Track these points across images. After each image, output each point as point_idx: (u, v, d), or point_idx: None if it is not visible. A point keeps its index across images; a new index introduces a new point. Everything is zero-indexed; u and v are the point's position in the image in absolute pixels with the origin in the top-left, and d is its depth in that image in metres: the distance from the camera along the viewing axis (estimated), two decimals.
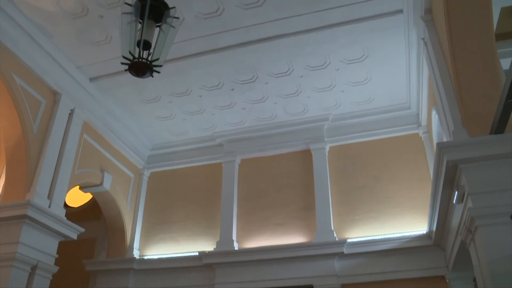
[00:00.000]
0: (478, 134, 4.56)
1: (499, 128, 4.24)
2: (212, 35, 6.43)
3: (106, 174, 7.84)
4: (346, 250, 7.11)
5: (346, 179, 7.86)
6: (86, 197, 8.82)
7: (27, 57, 6.26)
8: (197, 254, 7.80)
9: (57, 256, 6.34)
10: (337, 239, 7.26)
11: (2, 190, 6.37)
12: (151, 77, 4.23)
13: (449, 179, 4.86)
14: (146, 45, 4.13)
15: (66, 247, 7.26)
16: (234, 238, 7.87)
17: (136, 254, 8.28)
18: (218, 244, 7.83)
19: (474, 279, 6.00)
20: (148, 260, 8.17)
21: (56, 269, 6.28)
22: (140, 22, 4.14)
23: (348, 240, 7.17)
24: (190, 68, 7.02)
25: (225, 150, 8.65)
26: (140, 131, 8.66)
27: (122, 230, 8.35)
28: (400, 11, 6.06)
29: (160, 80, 7.19)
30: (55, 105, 6.80)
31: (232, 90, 7.51)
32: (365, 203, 7.56)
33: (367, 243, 7.11)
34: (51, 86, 6.71)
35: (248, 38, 6.50)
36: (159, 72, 4.27)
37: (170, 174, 9.04)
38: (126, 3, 4.09)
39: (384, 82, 7.35)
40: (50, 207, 6.25)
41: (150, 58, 4.10)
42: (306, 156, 8.24)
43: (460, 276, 6.41)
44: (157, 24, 4.25)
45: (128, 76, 6.58)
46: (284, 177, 8.24)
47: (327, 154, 8.10)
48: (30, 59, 6.31)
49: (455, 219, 5.32)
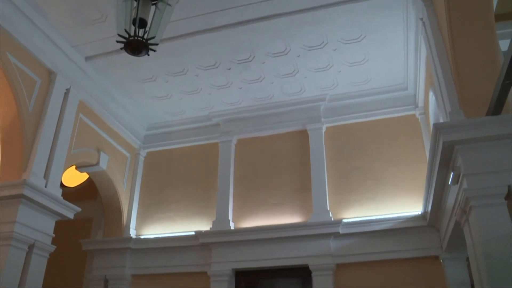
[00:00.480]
0: (475, 115, 4.56)
1: (495, 109, 4.25)
2: (209, 14, 6.35)
3: (102, 154, 7.83)
4: (341, 230, 7.16)
5: (342, 160, 7.88)
6: (83, 177, 8.81)
7: (22, 36, 6.18)
8: (193, 233, 7.85)
9: (54, 235, 6.36)
10: (332, 219, 7.30)
11: None
12: (147, 55, 4.19)
13: (445, 160, 4.88)
14: (142, 23, 4.08)
15: (63, 227, 7.27)
16: (230, 217, 7.91)
17: (132, 233, 8.32)
18: (214, 223, 7.87)
19: (467, 260, 6.07)
20: (145, 239, 8.22)
21: (53, 248, 6.31)
22: (136, 0, 4.08)
23: (344, 220, 7.22)
24: (186, 48, 6.96)
25: (221, 130, 8.63)
26: (137, 110, 8.63)
27: (118, 210, 8.38)
28: None
29: (156, 60, 7.13)
30: (51, 84, 6.74)
31: (229, 69, 7.46)
32: (361, 184, 7.59)
33: (363, 223, 7.17)
34: (46, 65, 6.65)
35: (245, 17, 6.42)
36: (155, 50, 4.23)
37: (167, 154, 9.03)
38: None
39: (382, 62, 7.31)
40: (46, 186, 6.26)
41: (146, 37, 4.07)
42: (302, 136, 8.24)
43: (454, 257, 6.49)
44: (153, 2, 4.20)
45: (124, 55, 6.48)
46: (281, 157, 8.25)
47: (323, 134, 8.10)
48: (25, 38, 6.23)
49: (450, 200, 5.36)
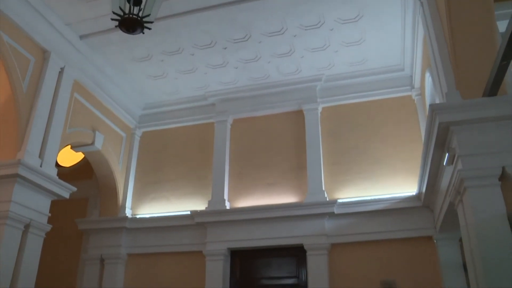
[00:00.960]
0: (471, 96, 4.56)
1: (492, 90, 4.24)
2: None
3: (97, 133, 7.80)
4: (336, 210, 7.21)
5: (338, 140, 7.89)
6: (78, 156, 8.81)
7: (15, 14, 6.08)
8: (189, 213, 7.88)
9: (49, 215, 6.37)
10: (327, 199, 7.34)
11: None
12: (142, 34, 4.15)
13: (440, 141, 4.89)
14: (137, 1, 4.03)
15: (59, 206, 7.29)
16: (226, 197, 7.94)
17: (128, 213, 8.35)
18: (210, 203, 7.90)
19: (460, 240, 6.14)
20: (140, 219, 8.25)
21: (49, 227, 6.32)
22: None
23: (339, 201, 7.26)
24: (182, 26, 6.89)
25: (217, 109, 8.61)
26: (132, 90, 8.57)
27: (114, 190, 8.38)
28: None
29: (152, 38, 7.06)
30: (45, 63, 6.67)
31: (225, 49, 7.41)
32: (356, 164, 7.62)
33: (358, 203, 7.21)
34: (40, 43, 6.56)
35: None
36: (150, 28, 4.19)
37: (162, 134, 9.01)
38: None
39: (378, 43, 7.27)
40: (41, 166, 6.24)
41: (141, 14, 4.02)
42: (298, 116, 8.23)
43: (447, 237, 6.56)
44: None
45: (119, 33, 6.48)
46: (276, 137, 8.25)
47: (319, 114, 8.09)
48: (18, 16, 6.13)
49: (445, 181, 5.39)
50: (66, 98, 6.99)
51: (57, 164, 6.80)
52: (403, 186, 7.19)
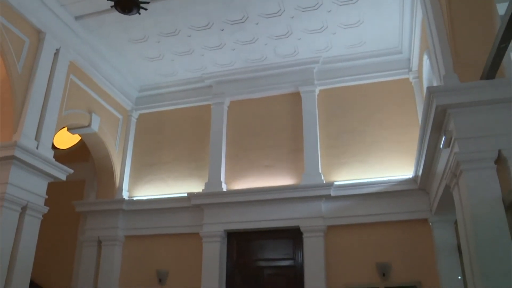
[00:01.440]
0: (469, 79, 4.56)
1: (490, 73, 4.23)
2: None
3: (94, 115, 7.77)
4: (333, 193, 7.24)
5: (334, 123, 7.88)
6: (75, 138, 8.78)
7: None
8: (185, 195, 7.90)
9: (46, 197, 6.37)
10: (324, 182, 7.37)
11: None
12: (138, 14, 4.11)
13: (437, 124, 4.90)
14: None
15: (56, 189, 7.29)
16: (223, 179, 7.96)
17: (125, 195, 8.36)
18: (207, 185, 7.92)
19: (455, 223, 6.19)
20: (137, 201, 8.27)
21: (46, 209, 6.33)
22: None
23: (335, 183, 7.29)
24: (178, 7, 6.81)
25: (214, 91, 8.57)
26: (128, 72, 8.52)
27: (111, 172, 8.39)
28: None
29: (148, 19, 6.98)
30: (40, 44, 6.60)
31: (222, 30, 7.34)
32: (353, 147, 7.63)
33: (354, 186, 7.24)
34: (35, 24, 6.49)
35: None
36: (146, 9, 4.15)
37: (159, 116, 8.99)
38: None
39: (377, 25, 7.22)
40: (38, 148, 6.22)
41: None
42: (295, 98, 8.21)
43: (442, 220, 6.62)
44: None
45: (115, 14, 6.41)
46: (273, 119, 8.24)
47: (316, 97, 8.06)
48: None
49: (441, 164, 5.41)
50: (62, 80, 6.94)
51: (53, 147, 6.77)
52: (400, 169, 7.21)
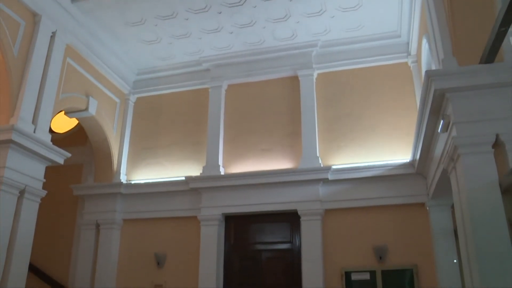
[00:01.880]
0: (468, 63, 4.54)
1: (489, 57, 4.22)
2: None
3: (91, 99, 7.73)
4: (330, 176, 7.26)
5: (332, 106, 7.87)
6: (72, 122, 8.77)
7: None
8: (183, 178, 7.91)
9: (44, 180, 6.37)
10: (322, 166, 7.38)
11: None
12: None
13: (435, 108, 4.90)
14: None
15: (54, 172, 7.30)
16: (220, 163, 7.97)
17: (123, 178, 8.37)
18: (204, 169, 7.93)
19: (452, 207, 6.22)
20: (135, 184, 8.29)
21: (44, 193, 6.34)
22: None
23: (333, 167, 7.30)
24: None
25: (211, 75, 8.53)
26: (125, 55, 8.46)
27: (108, 155, 8.38)
28: None
29: (145, 2, 6.93)
30: (35, 27, 6.52)
31: (220, 13, 7.28)
32: (351, 131, 7.63)
33: (352, 169, 7.26)
34: (30, 7, 6.40)
35: None
36: None
37: (156, 100, 8.95)
38: None
39: (376, 8, 7.16)
40: (35, 132, 6.20)
41: None
42: (293, 82, 8.18)
43: (439, 204, 6.65)
44: None
45: None
46: (271, 103, 8.22)
47: (314, 80, 8.03)
48: None
49: (439, 148, 5.42)
50: (58, 63, 6.89)
51: (51, 130, 6.75)
52: (397, 153, 7.23)
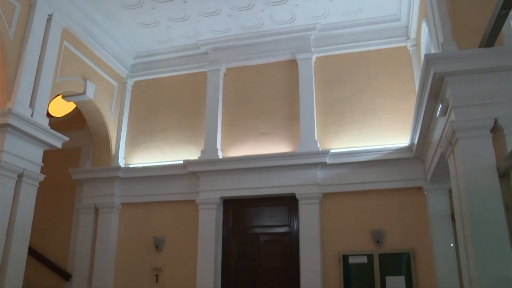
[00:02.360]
0: (468, 46, 4.53)
1: (489, 41, 4.20)
2: None
3: (89, 82, 7.69)
4: (329, 160, 7.26)
5: (331, 90, 7.85)
6: (70, 106, 8.73)
7: None
8: (181, 162, 7.92)
9: (42, 164, 6.37)
10: (320, 149, 7.38)
11: None
12: None
13: (434, 92, 4.88)
14: None
15: (52, 157, 7.29)
16: (219, 146, 7.96)
17: (121, 162, 8.37)
18: (203, 152, 7.93)
19: (450, 191, 6.24)
20: (134, 168, 8.29)
21: (42, 177, 6.33)
22: None
23: (331, 151, 7.30)
24: None
25: (210, 58, 8.48)
26: (123, 38, 8.39)
27: (107, 139, 8.36)
28: None
29: None
30: (31, 9, 6.44)
31: None
32: (349, 115, 7.61)
33: (350, 153, 7.26)
34: None
35: None
36: None
37: (154, 83, 8.91)
38: None
39: None
40: (32, 116, 6.17)
41: None
42: (292, 66, 8.14)
43: (437, 188, 6.68)
44: None
45: None
46: (270, 86, 8.18)
47: (313, 64, 8.00)
48: None
49: (437, 132, 5.42)
50: (55, 46, 6.83)
51: (49, 115, 6.72)
52: (395, 137, 7.23)
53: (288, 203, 7.53)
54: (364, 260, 6.87)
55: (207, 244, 7.44)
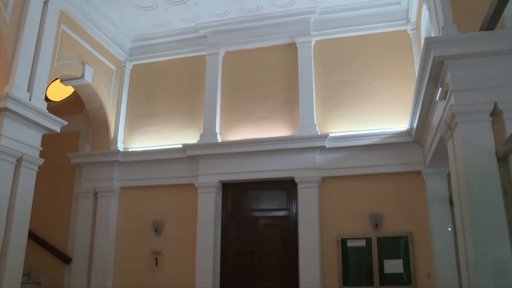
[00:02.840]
0: (469, 30, 4.49)
1: (490, 24, 4.16)
2: None
3: (87, 66, 7.64)
4: (328, 144, 7.26)
5: (330, 74, 7.81)
6: (68, 90, 8.70)
7: None
8: (180, 146, 7.91)
9: (41, 149, 6.36)
10: (319, 133, 7.38)
11: None
12: None
13: (434, 76, 4.86)
14: None
15: (51, 141, 7.28)
16: (218, 130, 7.95)
17: (120, 146, 8.36)
18: (202, 136, 7.92)
19: (449, 175, 6.25)
20: (133, 152, 8.29)
21: (41, 161, 6.33)
22: None
23: (330, 134, 7.30)
24: None
25: (208, 42, 8.42)
26: (121, 21, 8.31)
27: (105, 123, 8.35)
28: None
29: None
30: None
31: None
32: (348, 99, 7.59)
33: (349, 137, 7.26)
34: None
35: None
36: None
37: (153, 67, 8.86)
38: None
39: None
40: (30, 99, 6.13)
41: None
42: (291, 49, 8.09)
43: (435, 172, 6.69)
44: None
45: None
46: (269, 70, 8.14)
47: (312, 48, 7.95)
48: None
49: (436, 116, 5.40)
50: (52, 30, 6.76)
51: (47, 99, 6.69)
52: (395, 122, 7.21)
53: (287, 187, 7.55)
54: (363, 243, 6.91)
55: (206, 227, 7.47)
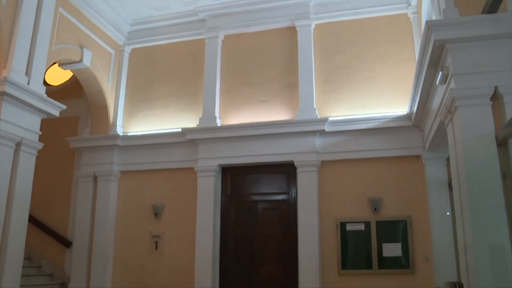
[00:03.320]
0: (470, 13, 4.45)
1: (492, 7, 4.12)
2: None
3: (85, 50, 7.59)
4: (327, 128, 7.25)
5: (330, 58, 7.76)
6: (66, 75, 8.65)
7: None
8: (180, 130, 7.90)
9: (40, 133, 6.34)
10: (319, 117, 7.36)
11: None
12: None
13: (434, 60, 4.83)
14: None
15: (50, 125, 7.27)
16: (217, 114, 7.93)
17: (119, 130, 8.35)
18: (201, 120, 7.91)
19: (448, 159, 6.25)
20: (132, 136, 8.28)
21: (40, 145, 6.32)
22: None
23: (330, 118, 7.29)
24: None
25: (208, 25, 8.35)
26: (119, 5, 8.22)
27: (104, 107, 8.32)
28: None
29: None
30: None
31: None
32: (348, 82, 7.55)
33: (348, 121, 7.25)
34: None
35: None
36: None
37: (152, 51, 8.80)
38: None
39: None
40: (29, 84, 6.09)
41: None
42: (291, 33, 8.03)
43: (435, 156, 6.69)
44: None
45: None
46: (268, 54, 8.09)
47: (312, 31, 7.89)
48: None
49: (436, 100, 5.38)
50: (50, 13, 6.69)
51: (45, 83, 6.65)
52: (394, 106, 7.19)
53: (286, 171, 7.56)
54: (362, 227, 6.94)
55: (206, 211, 7.50)
